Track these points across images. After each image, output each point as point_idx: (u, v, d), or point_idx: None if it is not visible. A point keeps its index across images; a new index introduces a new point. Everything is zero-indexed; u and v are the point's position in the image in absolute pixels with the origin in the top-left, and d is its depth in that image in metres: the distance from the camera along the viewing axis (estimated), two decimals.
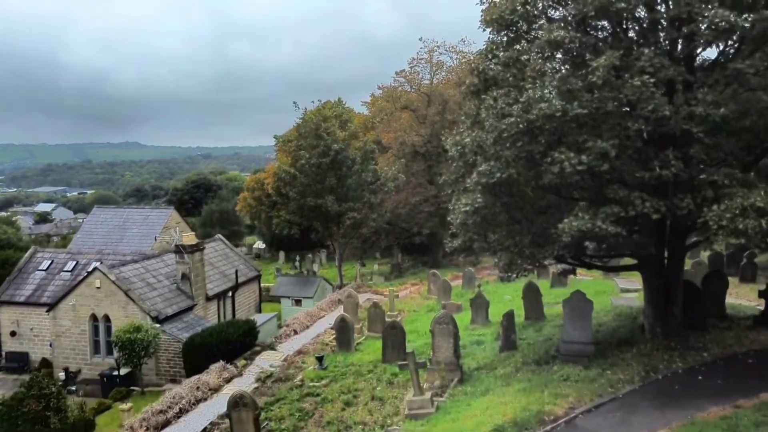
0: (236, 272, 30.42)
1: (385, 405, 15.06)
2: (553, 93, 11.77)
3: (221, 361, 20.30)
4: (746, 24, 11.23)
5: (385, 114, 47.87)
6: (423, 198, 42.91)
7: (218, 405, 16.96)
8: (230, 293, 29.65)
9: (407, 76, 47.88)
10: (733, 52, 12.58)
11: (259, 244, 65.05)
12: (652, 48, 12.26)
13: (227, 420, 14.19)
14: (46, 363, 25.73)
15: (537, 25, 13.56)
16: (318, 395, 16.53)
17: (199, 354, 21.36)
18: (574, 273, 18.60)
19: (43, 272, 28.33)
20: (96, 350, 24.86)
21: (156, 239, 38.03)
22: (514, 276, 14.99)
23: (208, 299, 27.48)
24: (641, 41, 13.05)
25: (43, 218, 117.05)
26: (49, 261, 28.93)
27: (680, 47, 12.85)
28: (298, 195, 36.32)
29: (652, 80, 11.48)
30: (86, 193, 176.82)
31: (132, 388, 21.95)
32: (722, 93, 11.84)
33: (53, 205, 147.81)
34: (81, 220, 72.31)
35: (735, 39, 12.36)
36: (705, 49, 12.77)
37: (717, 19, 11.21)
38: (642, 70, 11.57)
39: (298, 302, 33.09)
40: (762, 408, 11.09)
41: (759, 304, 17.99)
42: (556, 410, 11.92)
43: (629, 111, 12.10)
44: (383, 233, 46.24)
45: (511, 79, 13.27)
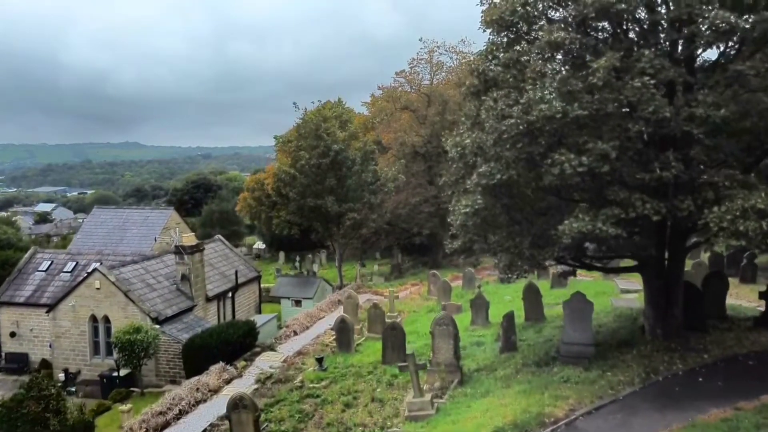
0: (236, 273, 30.41)
1: (385, 406, 15.04)
2: (554, 94, 11.76)
3: (221, 362, 20.29)
4: (747, 25, 11.22)
5: (385, 114, 47.87)
6: (423, 198, 42.87)
7: (218, 406, 16.93)
8: (230, 294, 29.64)
9: (407, 77, 47.86)
10: (734, 54, 12.57)
11: (259, 245, 64.97)
12: (653, 49, 12.25)
13: (227, 422, 14.16)
14: (46, 364, 25.72)
15: (537, 26, 13.55)
16: (318, 397, 16.53)
17: (199, 355, 21.35)
18: (574, 274, 18.61)
19: (43, 273, 28.33)
20: (96, 351, 24.85)
21: (156, 240, 38.07)
22: (514, 277, 15.03)
23: (208, 300, 27.47)
24: (642, 42, 13.04)
25: (43, 218, 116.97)
26: (49, 262, 28.92)
27: (681, 48, 12.85)
28: (298, 195, 36.27)
29: (653, 81, 11.48)
30: (86, 193, 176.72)
31: (132, 389, 21.96)
32: (723, 94, 11.84)
33: (53, 205, 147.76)
34: (81, 220, 72.29)
35: (735, 40, 12.36)
36: (705, 51, 12.81)
37: (717, 21, 11.21)
38: (642, 72, 11.57)
39: (298, 303, 33.03)
40: (763, 410, 11.08)
41: (759, 305, 17.99)
42: (557, 412, 11.92)
43: (630, 112, 12.10)
44: (383, 234, 46.23)
45: (512, 80, 13.27)
